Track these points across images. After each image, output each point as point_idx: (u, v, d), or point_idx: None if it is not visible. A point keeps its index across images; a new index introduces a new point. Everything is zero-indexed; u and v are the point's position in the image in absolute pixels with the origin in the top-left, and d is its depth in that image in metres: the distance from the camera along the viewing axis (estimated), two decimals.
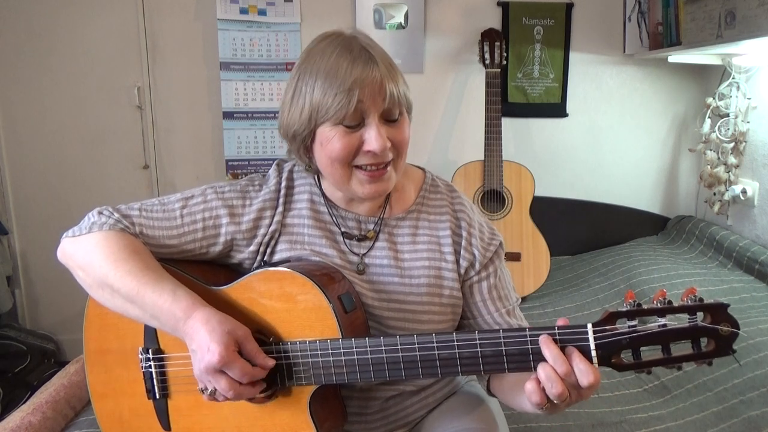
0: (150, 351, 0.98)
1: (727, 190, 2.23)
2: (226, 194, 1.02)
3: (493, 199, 2.29)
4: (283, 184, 1.04)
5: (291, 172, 1.06)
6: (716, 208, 2.29)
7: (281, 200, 1.03)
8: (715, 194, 2.31)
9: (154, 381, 0.99)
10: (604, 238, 2.58)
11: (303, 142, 0.97)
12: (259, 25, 2.44)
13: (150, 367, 0.99)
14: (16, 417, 1.42)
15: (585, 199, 2.62)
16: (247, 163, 2.53)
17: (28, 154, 2.50)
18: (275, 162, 1.08)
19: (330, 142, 0.92)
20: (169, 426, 1.00)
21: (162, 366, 0.99)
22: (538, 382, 0.80)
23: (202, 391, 0.88)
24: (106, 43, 2.44)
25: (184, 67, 2.48)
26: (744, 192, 2.16)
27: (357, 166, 0.95)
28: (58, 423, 1.47)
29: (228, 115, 2.49)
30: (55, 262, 1.02)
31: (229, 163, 2.52)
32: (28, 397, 1.71)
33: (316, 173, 1.04)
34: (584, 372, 0.77)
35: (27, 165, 2.51)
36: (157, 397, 0.99)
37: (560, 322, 0.82)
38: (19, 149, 2.49)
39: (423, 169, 1.12)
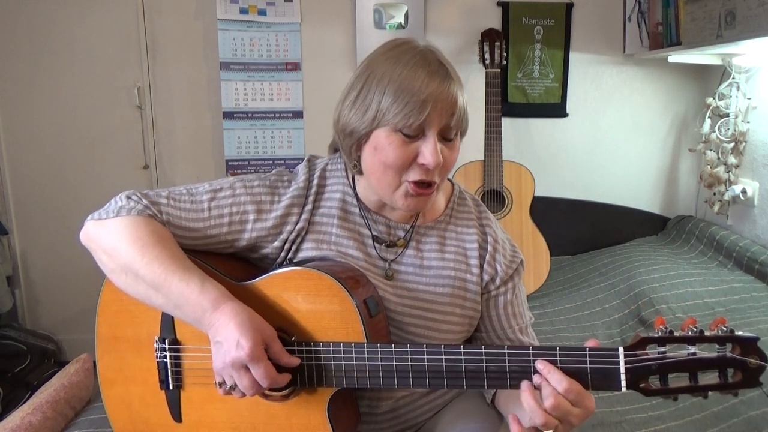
0: (166, 341, 0.97)
1: (727, 190, 2.23)
2: (255, 189, 1.01)
3: (493, 199, 2.29)
4: (315, 181, 1.03)
5: (324, 170, 1.05)
6: (716, 208, 2.29)
7: (311, 198, 1.02)
8: (715, 194, 2.31)
9: (169, 371, 0.98)
10: (604, 238, 2.58)
11: (357, 141, 0.96)
12: (259, 25, 2.44)
13: (165, 357, 0.98)
14: (16, 417, 1.42)
15: (585, 199, 2.62)
16: (247, 163, 2.53)
17: (28, 154, 2.50)
18: (307, 157, 1.07)
19: (386, 148, 0.92)
20: (181, 418, 0.99)
21: (177, 357, 0.98)
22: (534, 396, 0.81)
23: (220, 384, 0.87)
24: (106, 43, 2.44)
25: (184, 67, 2.48)
26: (744, 192, 2.16)
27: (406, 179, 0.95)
28: (58, 423, 1.47)
29: (228, 115, 2.49)
30: (55, 261, 1.02)
31: (229, 163, 2.52)
32: (28, 397, 1.71)
33: (359, 173, 1.02)
34: (559, 380, 0.78)
35: (27, 165, 2.51)
36: (170, 387, 0.99)
37: (590, 343, 0.82)
38: (19, 149, 2.49)
39: (451, 181, 1.12)
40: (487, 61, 2.29)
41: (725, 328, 0.78)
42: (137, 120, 2.50)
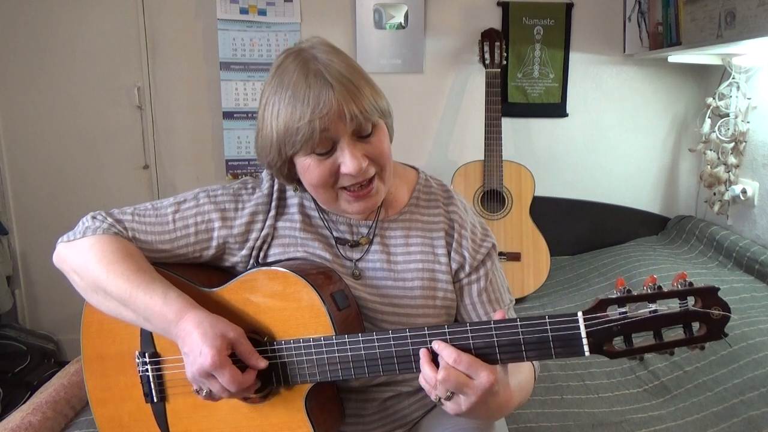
0: (146, 355, 0.98)
1: (727, 190, 2.23)
2: (218, 198, 1.02)
3: (493, 199, 2.29)
4: (276, 187, 1.04)
5: None
6: (716, 208, 2.29)
7: (274, 204, 1.03)
8: (715, 194, 2.31)
9: (152, 385, 0.99)
10: (604, 238, 2.58)
11: (281, 171, 0.96)
12: (259, 25, 2.44)
13: (147, 371, 0.99)
14: (16, 417, 1.42)
15: (585, 199, 2.62)
16: (247, 163, 2.53)
17: (28, 154, 2.50)
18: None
19: (308, 171, 0.92)
20: (168, 429, 1.00)
21: (159, 369, 0.99)
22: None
23: (197, 392, 0.88)
24: (106, 43, 2.44)
25: (184, 67, 2.48)
26: (744, 192, 2.16)
27: (342, 187, 0.94)
28: (58, 423, 1.47)
29: (228, 115, 2.49)
30: None
31: (229, 163, 2.52)
32: (28, 397, 1.71)
33: (304, 191, 1.02)
34: (449, 353, 0.80)
35: (27, 165, 2.51)
36: (155, 400, 1.00)
37: (498, 315, 0.84)
38: (19, 149, 2.49)
39: (416, 169, 1.10)
40: (487, 61, 2.29)
41: (685, 282, 0.77)
42: (137, 120, 2.50)
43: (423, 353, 0.83)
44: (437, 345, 0.82)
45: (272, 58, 2.46)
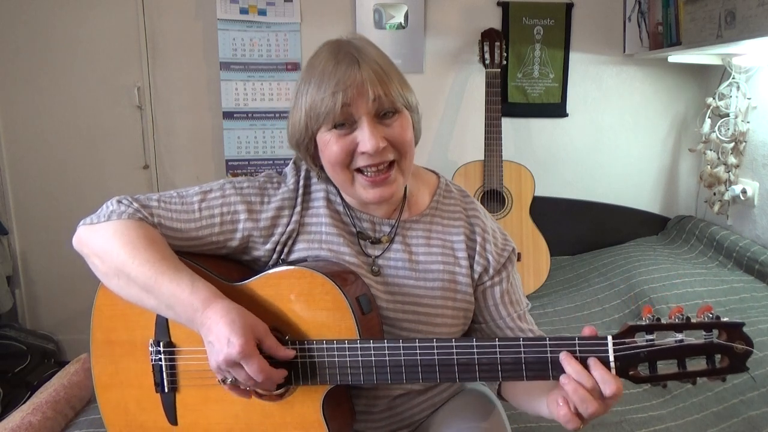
0: (161, 344, 0.98)
1: (727, 190, 2.23)
2: (244, 190, 1.02)
3: (493, 199, 2.29)
4: (302, 182, 1.04)
5: (308, 171, 1.06)
6: (716, 208, 2.29)
7: (299, 199, 1.03)
8: (715, 194, 2.31)
9: (164, 374, 0.98)
10: (604, 238, 2.58)
11: (307, 151, 0.98)
12: (259, 25, 2.44)
13: (160, 360, 0.98)
14: (16, 417, 1.42)
15: (585, 199, 2.62)
16: (247, 163, 2.53)
17: (28, 154, 2.50)
18: (292, 160, 1.08)
19: (327, 146, 0.94)
20: (176, 420, 0.99)
21: (172, 359, 0.98)
22: (568, 406, 0.81)
23: (223, 381, 0.87)
24: (106, 43, 2.44)
25: (184, 67, 2.48)
26: (744, 192, 2.16)
27: (359, 171, 0.95)
28: (58, 423, 1.47)
29: (228, 115, 2.49)
30: (55, 261, 1.02)
31: (229, 163, 2.52)
32: (28, 397, 1.71)
33: (327, 181, 1.04)
34: (606, 381, 0.79)
35: (27, 165, 2.51)
36: (166, 390, 0.99)
37: (586, 330, 0.83)
38: (19, 149, 2.49)
39: (437, 174, 1.12)
40: (487, 61, 2.29)
41: (711, 315, 0.80)
42: (137, 120, 2.50)
43: (562, 401, 0.82)
44: (564, 356, 0.81)
45: (272, 58, 2.46)
